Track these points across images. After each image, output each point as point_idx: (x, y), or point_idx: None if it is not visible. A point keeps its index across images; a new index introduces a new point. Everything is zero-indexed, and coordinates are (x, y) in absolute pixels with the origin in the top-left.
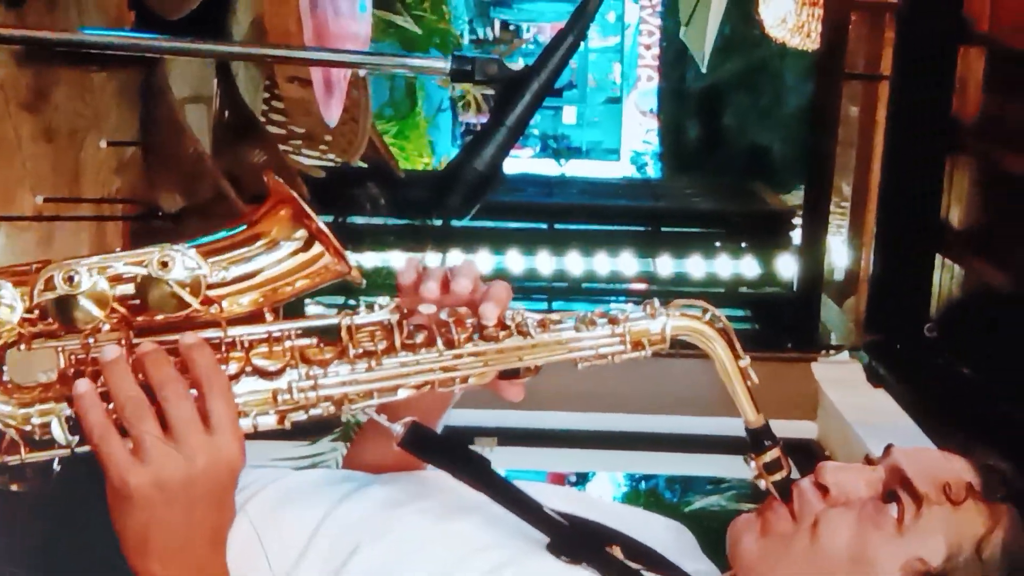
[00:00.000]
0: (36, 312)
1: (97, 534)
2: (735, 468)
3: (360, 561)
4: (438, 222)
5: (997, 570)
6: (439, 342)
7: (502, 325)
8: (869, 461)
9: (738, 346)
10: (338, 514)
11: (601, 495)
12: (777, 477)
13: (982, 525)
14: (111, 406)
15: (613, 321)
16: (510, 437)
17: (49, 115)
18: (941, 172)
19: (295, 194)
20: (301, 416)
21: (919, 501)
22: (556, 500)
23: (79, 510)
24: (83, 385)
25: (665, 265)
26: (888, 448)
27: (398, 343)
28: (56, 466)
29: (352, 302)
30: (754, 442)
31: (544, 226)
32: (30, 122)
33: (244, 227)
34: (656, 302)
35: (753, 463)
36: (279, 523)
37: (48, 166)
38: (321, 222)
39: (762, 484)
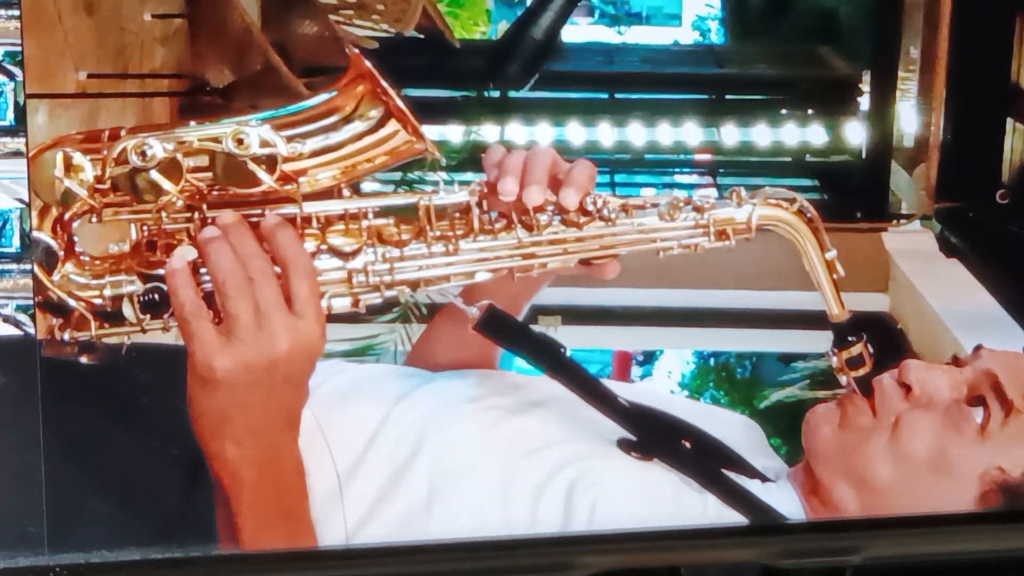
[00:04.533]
0: (108, 183)
1: (163, 411)
2: (807, 342)
3: (425, 456)
4: (495, 93)
5: None
6: (517, 226)
7: (583, 210)
8: (956, 361)
9: (826, 239)
10: (403, 408)
11: (671, 371)
12: (860, 373)
13: None
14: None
15: (698, 209)
16: (574, 315)
17: None
18: (1011, 33)
19: (373, 69)
20: (376, 299)
21: (1008, 407)
22: (628, 396)
23: (146, 386)
24: (180, 259)
25: (730, 134)
26: (977, 349)
27: (476, 225)
28: (127, 342)
29: (410, 175)
30: (837, 337)
31: (604, 96)
32: None
33: (321, 100)
34: (743, 190)
35: (835, 358)
36: (342, 417)
37: (91, 40)
38: (398, 99)
39: (843, 379)
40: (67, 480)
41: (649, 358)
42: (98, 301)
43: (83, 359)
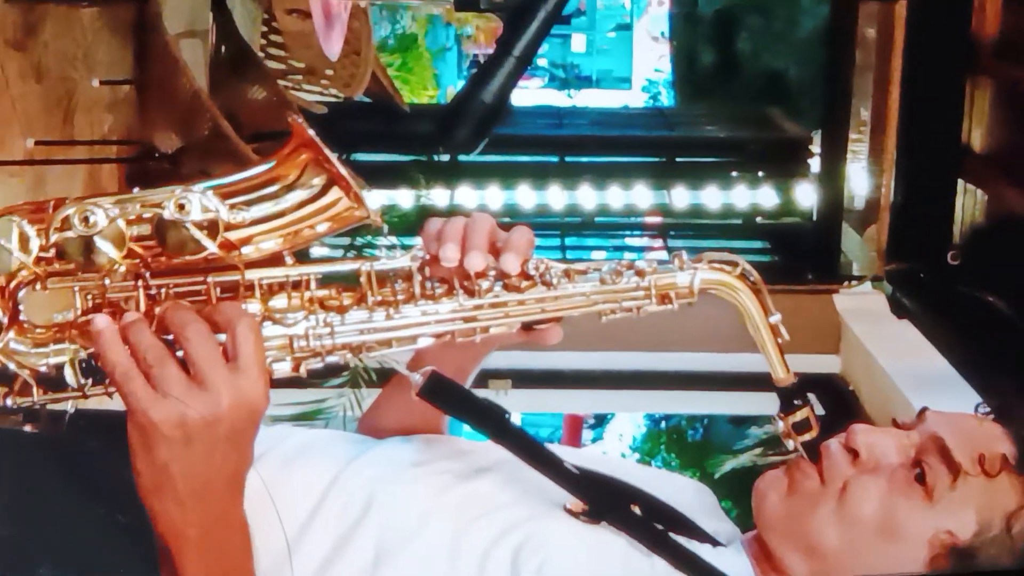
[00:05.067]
0: (52, 251)
1: (108, 478)
2: (759, 405)
3: (373, 520)
4: (445, 157)
5: None
6: (459, 292)
7: (525, 275)
8: (898, 424)
9: (769, 302)
10: (352, 471)
11: (622, 434)
12: (807, 437)
13: (1014, 500)
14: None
15: (640, 273)
16: (525, 379)
17: (38, 53)
18: (961, 94)
19: (316, 137)
20: (317, 364)
21: (954, 471)
22: (576, 461)
23: (91, 454)
24: (102, 321)
25: (680, 197)
26: (922, 412)
27: (417, 291)
28: (70, 408)
29: (359, 240)
30: (784, 401)
31: (555, 159)
32: (18, 60)
33: (263, 169)
34: (684, 254)
35: (782, 423)
36: (291, 481)
37: (38, 106)
38: (341, 167)
39: (790, 444)
40: (11, 548)
41: (600, 421)
42: (42, 369)
43: (27, 428)
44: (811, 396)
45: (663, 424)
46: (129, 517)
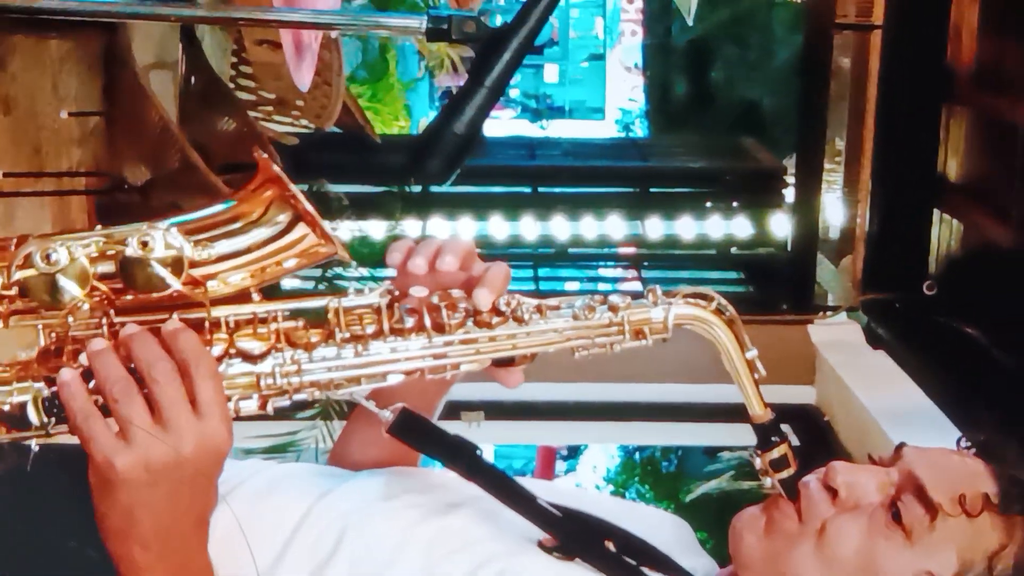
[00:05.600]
0: (14, 289)
1: (78, 512)
2: (732, 436)
3: (346, 554)
4: (417, 188)
5: None
6: (429, 328)
7: (496, 311)
8: (874, 461)
9: (745, 337)
10: (324, 505)
11: (595, 466)
12: (784, 474)
13: (996, 540)
14: (92, 385)
15: (613, 308)
16: (498, 410)
17: (6, 85)
18: (936, 123)
19: (282, 173)
20: (284, 401)
21: (932, 512)
22: (550, 496)
23: (61, 487)
24: (67, 373)
25: (655, 227)
26: (900, 448)
27: (387, 327)
28: (34, 447)
29: (329, 272)
30: (761, 438)
31: (528, 190)
32: None
33: (228, 205)
34: (658, 289)
35: (759, 459)
36: (262, 515)
37: (6, 139)
38: (307, 203)
39: (768, 482)
40: None
41: (574, 453)
42: (5, 408)
43: None
44: (786, 428)
45: (637, 456)
46: (100, 552)
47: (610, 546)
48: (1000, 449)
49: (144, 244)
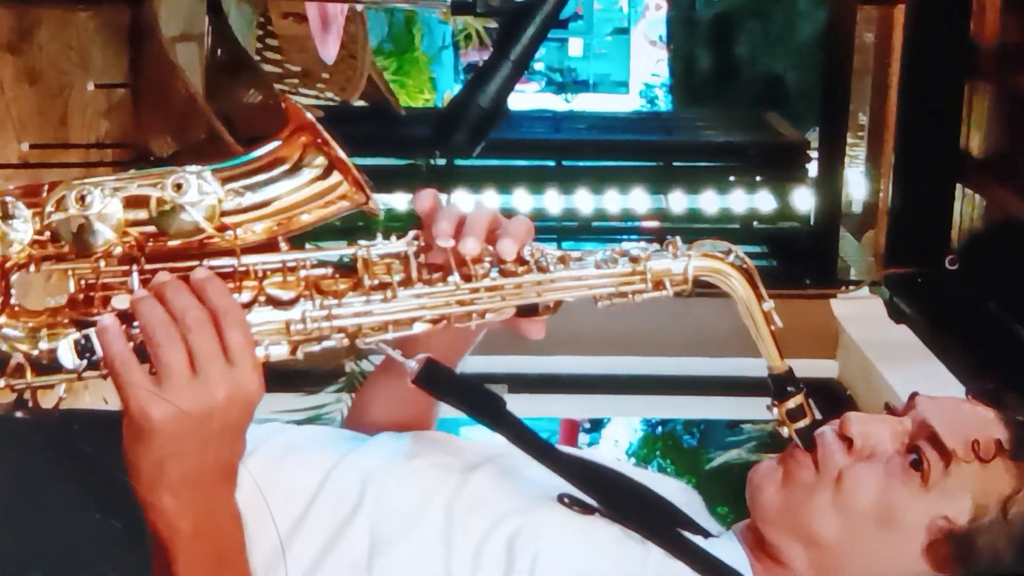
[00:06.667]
0: (47, 233)
1: (102, 482)
2: (754, 410)
3: (367, 513)
4: (441, 161)
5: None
6: (456, 275)
7: (521, 261)
8: (891, 410)
9: (762, 288)
10: (344, 467)
11: (618, 440)
12: (800, 424)
13: (1009, 485)
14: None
15: (634, 260)
16: (521, 383)
17: (33, 56)
18: (960, 99)
19: (314, 120)
20: (314, 347)
21: (947, 458)
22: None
23: (85, 457)
24: (108, 318)
25: (678, 201)
26: (913, 397)
27: (414, 275)
28: (62, 393)
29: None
30: (777, 388)
31: (552, 163)
32: (13, 64)
33: (261, 153)
34: (678, 241)
35: (776, 410)
36: (283, 477)
37: (33, 110)
38: (340, 150)
39: (784, 432)
40: (4, 553)
41: (596, 426)
42: (34, 352)
43: (18, 414)
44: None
45: (659, 429)
46: (124, 522)
47: (628, 499)
48: (1011, 396)
49: (178, 187)
